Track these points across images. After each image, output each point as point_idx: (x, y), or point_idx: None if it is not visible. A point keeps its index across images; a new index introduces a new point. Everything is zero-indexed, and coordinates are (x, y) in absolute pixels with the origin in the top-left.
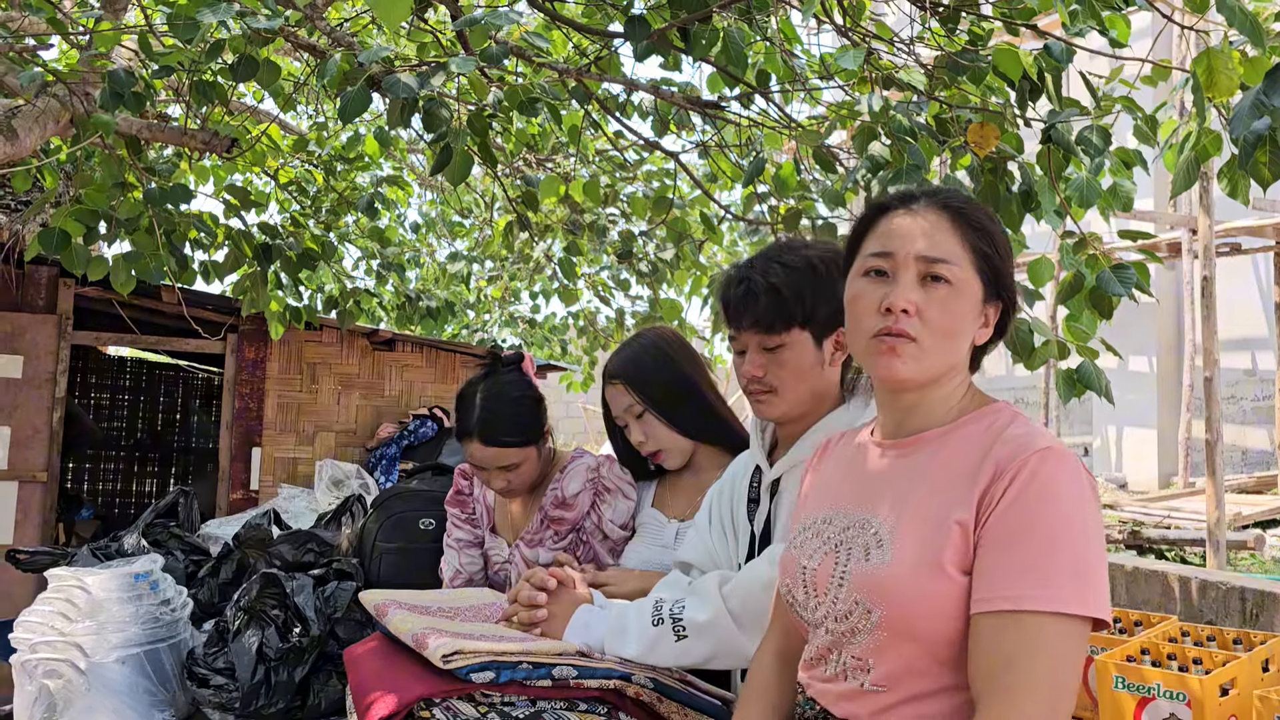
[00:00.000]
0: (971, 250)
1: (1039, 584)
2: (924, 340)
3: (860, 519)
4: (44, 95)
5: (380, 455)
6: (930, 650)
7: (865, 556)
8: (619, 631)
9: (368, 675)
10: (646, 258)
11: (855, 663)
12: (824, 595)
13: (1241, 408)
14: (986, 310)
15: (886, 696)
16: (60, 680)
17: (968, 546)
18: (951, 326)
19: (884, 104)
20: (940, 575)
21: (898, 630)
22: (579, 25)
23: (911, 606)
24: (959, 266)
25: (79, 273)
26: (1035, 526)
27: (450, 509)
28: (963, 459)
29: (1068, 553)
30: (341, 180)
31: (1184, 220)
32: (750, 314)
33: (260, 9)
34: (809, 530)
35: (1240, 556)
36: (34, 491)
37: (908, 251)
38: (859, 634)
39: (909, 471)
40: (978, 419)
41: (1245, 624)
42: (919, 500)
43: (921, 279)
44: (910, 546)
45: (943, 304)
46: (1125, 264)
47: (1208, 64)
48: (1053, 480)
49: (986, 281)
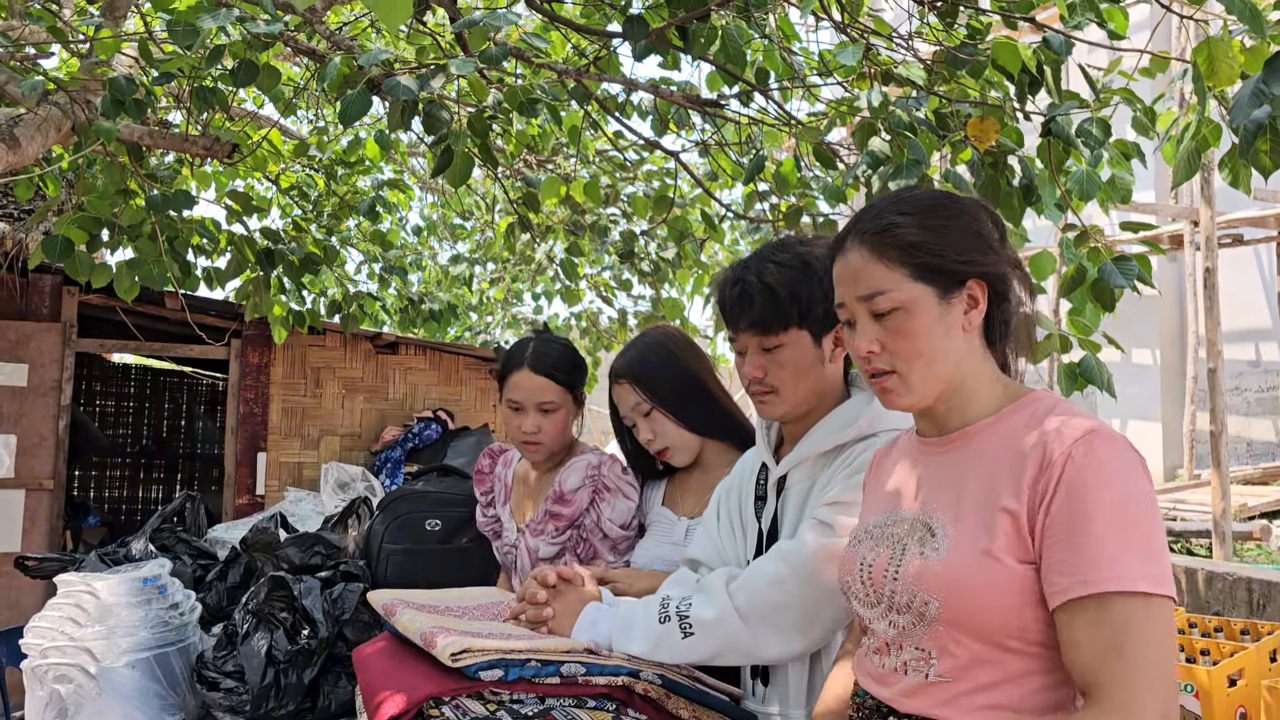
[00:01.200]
0: (901, 264)
1: (1112, 566)
2: (900, 369)
3: (914, 515)
4: (45, 103)
5: (385, 458)
6: (991, 639)
7: (920, 550)
8: (626, 628)
9: (377, 675)
10: (648, 257)
11: (918, 655)
12: (881, 589)
13: (1246, 399)
14: (959, 297)
15: (952, 688)
16: (71, 685)
17: (1020, 535)
18: (919, 347)
19: (883, 99)
20: (995, 564)
21: (957, 621)
22: (577, 26)
23: (969, 597)
24: (897, 290)
25: (82, 280)
26: (1099, 511)
27: (476, 490)
28: (1009, 449)
29: (1136, 532)
30: (343, 184)
31: (1186, 212)
32: (747, 315)
33: (259, 14)
34: (869, 531)
35: (1246, 548)
36: (41, 499)
37: (851, 297)
38: (918, 626)
39: (956, 465)
40: (1020, 408)
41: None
42: (969, 492)
43: (873, 316)
44: (963, 538)
45: (899, 332)
46: (1127, 256)
47: (1208, 53)
48: (1108, 463)
49: (936, 279)
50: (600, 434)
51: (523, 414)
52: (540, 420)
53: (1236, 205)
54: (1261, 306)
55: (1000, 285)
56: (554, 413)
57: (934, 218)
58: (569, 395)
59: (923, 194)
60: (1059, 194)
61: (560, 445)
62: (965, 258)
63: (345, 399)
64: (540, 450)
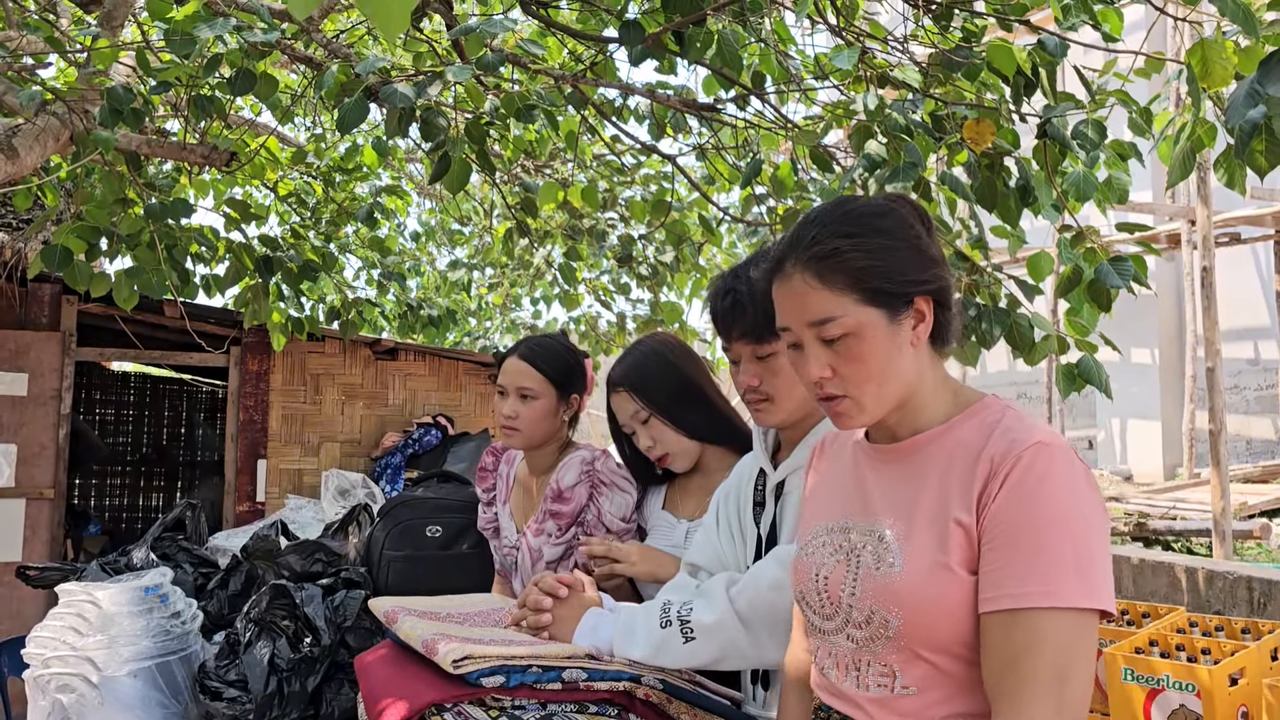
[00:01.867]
0: (850, 288)
1: (1040, 580)
2: (854, 393)
3: (869, 526)
4: (43, 113)
5: (385, 464)
6: (951, 651)
7: (876, 565)
8: (627, 634)
9: (379, 683)
10: (646, 261)
11: (880, 670)
12: (839, 603)
13: (1245, 397)
14: (904, 318)
15: (919, 699)
16: (73, 694)
17: (972, 546)
18: (871, 370)
19: (880, 102)
20: (951, 578)
21: (917, 636)
22: (574, 31)
23: (927, 611)
24: (847, 314)
25: (82, 289)
26: (1033, 522)
27: (478, 487)
28: (959, 459)
29: (1068, 546)
30: (340, 191)
31: (1183, 211)
32: (739, 325)
33: (256, 23)
34: (819, 537)
35: (1246, 546)
36: (41, 508)
37: (799, 322)
38: (878, 641)
39: (909, 476)
40: (970, 416)
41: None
42: (922, 504)
43: (821, 342)
44: (919, 552)
45: (851, 356)
46: (1123, 257)
47: (1202, 54)
48: (1047, 474)
49: (884, 302)
50: (600, 437)
51: (504, 399)
52: (518, 406)
53: (1233, 204)
54: (1260, 305)
55: (943, 296)
56: (533, 400)
57: (877, 237)
58: (551, 387)
59: (859, 208)
60: (1055, 195)
61: (537, 437)
62: (911, 277)
63: (345, 405)
64: (517, 437)
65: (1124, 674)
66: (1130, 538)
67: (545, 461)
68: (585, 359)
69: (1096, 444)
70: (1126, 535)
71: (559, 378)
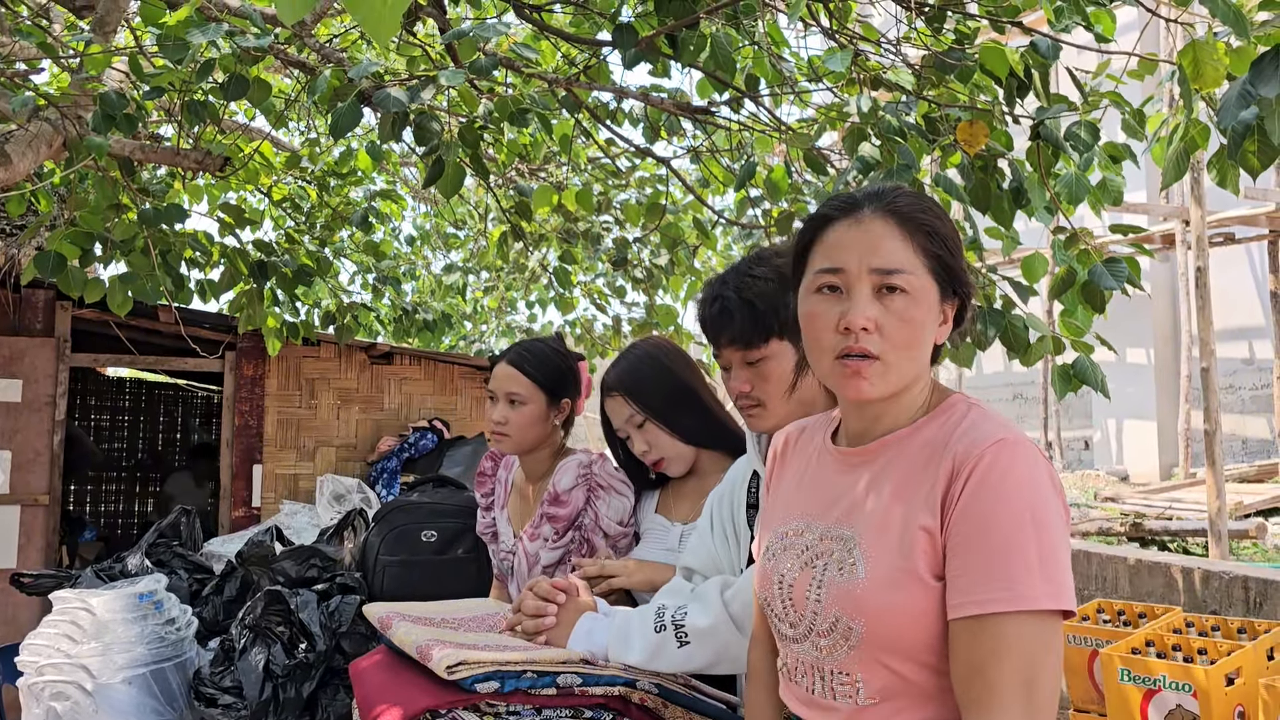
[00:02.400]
0: (923, 254)
1: (1003, 584)
2: (887, 356)
3: (832, 531)
4: (36, 119)
5: (381, 469)
6: (916, 659)
7: (840, 571)
8: (622, 639)
9: (374, 689)
10: (641, 264)
11: (844, 679)
12: (803, 610)
13: (1240, 397)
14: (944, 308)
15: (885, 707)
16: (68, 702)
17: (937, 552)
18: (913, 337)
19: (873, 105)
20: (915, 584)
21: (881, 643)
22: (567, 35)
23: (891, 618)
24: (914, 274)
25: (76, 295)
26: (995, 524)
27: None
28: (922, 462)
29: (1031, 547)
30: (335, 195)
31: (1177, 212)
32: (728, 331)
33: (249, 28)
34: (783, 541)
35: (1243, 546)
36: (36, 514)
37: (860, 265)
38: (842, 649)
39: (873, 480)
40: (935, 417)
41: (1249, 613)
42: (886, 510)
43: (876, 291)
44: (883, 558)
45: (901, 315)
46: (1117, 258)
47: (1193, 56)
48: (1009, 473)
49: (941, 282)
50: (596, 440)
51: (494, 404)
52: (507, 411)
53: (1227, 204)
54: (1254, 304)
55: (965, 309)
56: (521, 405)
57: (947, 223)
58: (540, 392)
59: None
60: (1048, 197)
61: (527, 441)
62: (959, 273)
63: (340, 410)
64: (507, 442)
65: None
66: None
67: (540, 466)
68: (579, 362)
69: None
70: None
71: (548, 383)
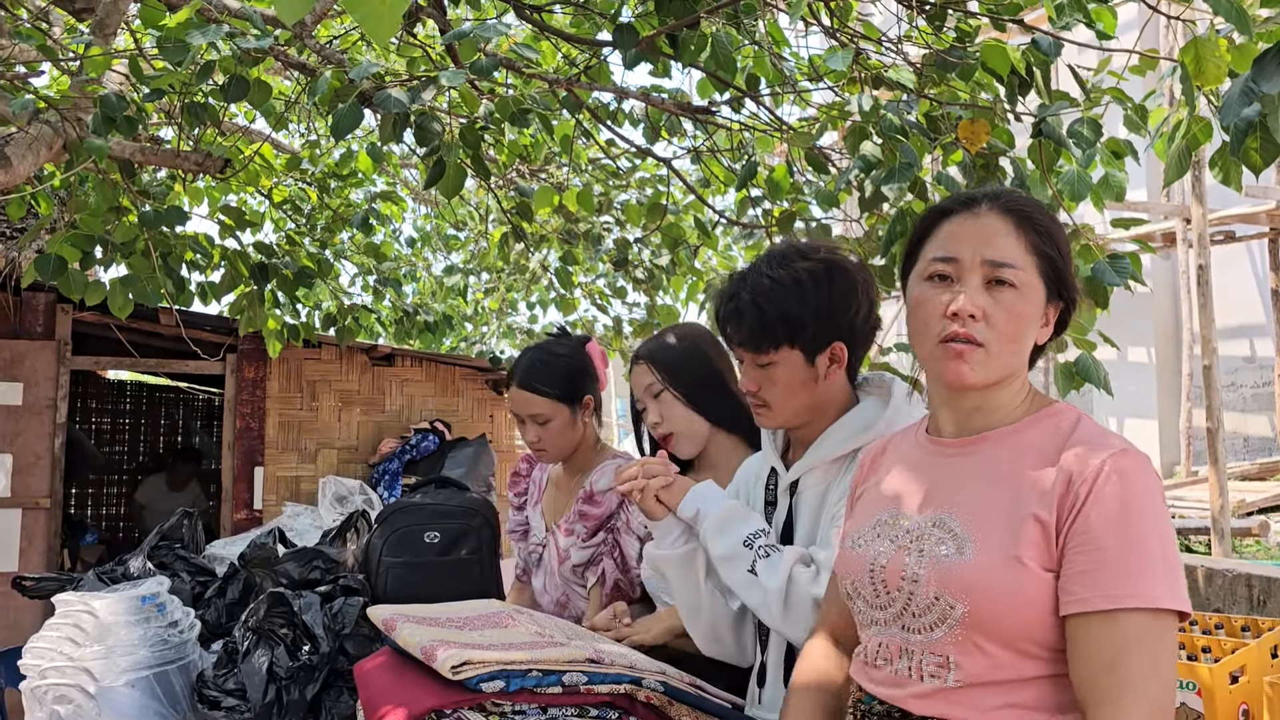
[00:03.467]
0: (1035, 253)
1: (1133, 582)
2: (991, 345)
3: (933, 517)
4: (36, 122)
5: (383, 470)
6: (1013, 645)
7: (944, 553)
8: (720, 525)
9: (378, 690)
10: (642, 264)
11: (935, 660)
12: (897, 592)
13: (1241, 395)
14: (1048, 310)
15: (971, 691)
16: (70, 705)
17: (1048, 543)
18: (1017, 331)
19: (874, 103)
20: (1023, 571)
21: (981, 626)
22: (567, 35)
23: (996, 602)
24: (1024, 270)
25: (76, 298)
26: (1123, 526)
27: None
28: (1034, 458)
29: (1156, 549)
30: (335, 197)
31: (1178, 210)
32: (738, 333)
33: (249, 29)
34: (873, 530)
35: (1245, 543)
36: (38, 518)
37: (974, 256)
38: (938, 629)
39: (979, 470)
40: (1044, 419)
41: (1252, 611)
42: (994, 497)
43: (987, 283)
44: (991, 542)
45: (1009, 308)
46: (1119, 254)
47: (1195, 53)
48: (1132, 480)
49: (1049, 283)
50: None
51: (523, 425)
52: (538, 430)
53: (1228, 202)
54: (1255, 302)
55: (1068, 316)
56: (548, 423)
57: (1061, 230)
58: (560, 404)
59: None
60: (1051, 194)
61: (566, 449)
62: (1067, 278)
63: (342, 412)
64: (547, 455)
65: None
66: None
67: (580, 460)
68: (586, 346)
69: None
70: None
71: (565, 393)
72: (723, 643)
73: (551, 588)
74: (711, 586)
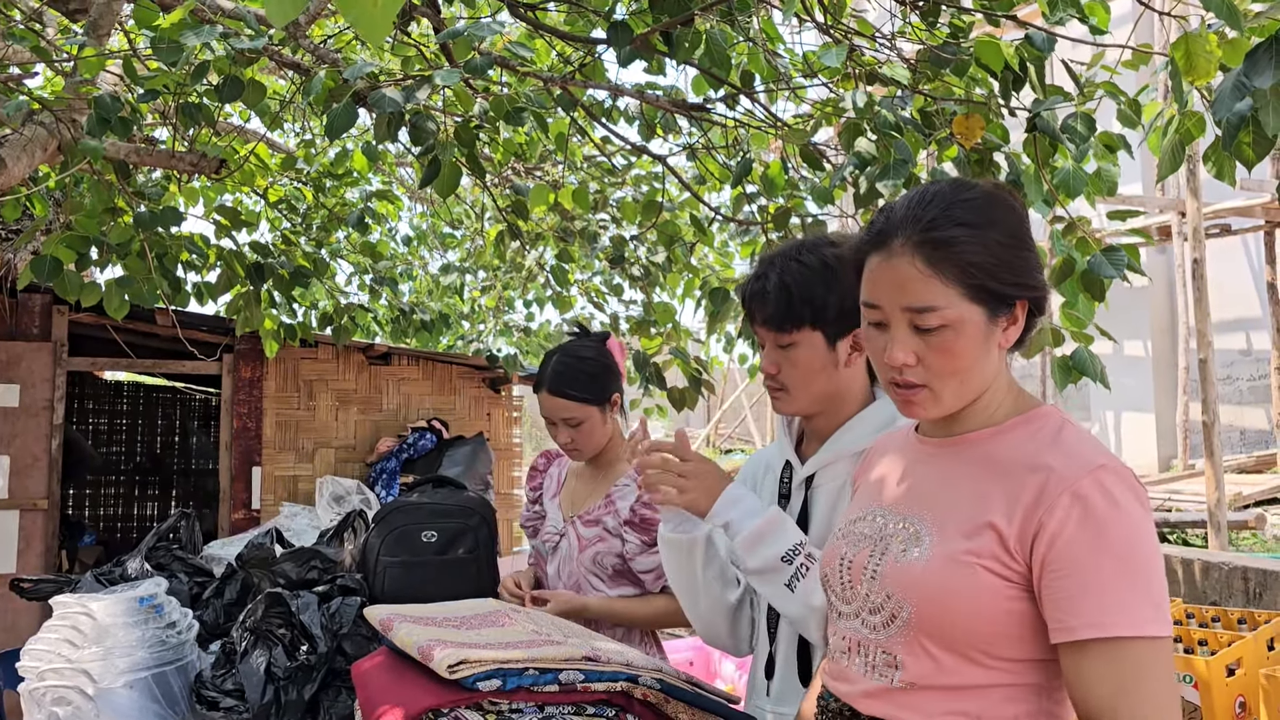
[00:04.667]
0: (957, 282)
1: (1119, 609)
2: (933, 384)
3: (901, 515)
4: (30, 123)
5: (380, 470)
6: (958, 649)
7: (901, 552)
8: (757, 538)
9: (376, 690)
10: (638, 262)
11: (885, 658)
12: (858, 586)
13: (1238, 388)
14: (1002, 320)
15: (915, 694)
16: (69, 707)
17: (1005, 553)
18: (959, 365)
19: (868, 100)
20: (973, 576)
21: (927, 628)
22: (561, 33)
23: (942, 604)
24: (949, 307)
25: (72, 299)
26: (1111, 550)
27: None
28: (1009, 463)
29: (1143, 575)
30: (331, 196)
31: (1172, 204)
32: (761, 311)
33: (243, 29)
34: (854, 525)
35: (1242, 536)
36: (35, 519)
37: (892, 304)
38: (888, 629)
39: (952, 471)
40: (1025, 422)
41: (1249, 604)
42: (960, 499)
43: (915, 329)
44: (946, 545)
45: (943, 348)
46: (1115, 246)
47: (1186, 48)
48: (1121, 500)
49: (988, 299)
50: None
51: (555, 428)
52: (570, 433)
53: (1223, 196)
54: (1251, 295)
55: (1041, 305)
56: (580, 425)
57: (993, 231)
58: (590, 407)
59: (980, 197)
60: (1046, 189)
61: (597, 446)
62: (1020, 280)
63: (339, 411)
64: (580, 455)
65: None
66: None
67: (608, 454)
68: (606, 342)
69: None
70: None
71: (594, 396)
72: (716, 631)
73: (566, 575)
74: (710, 576)
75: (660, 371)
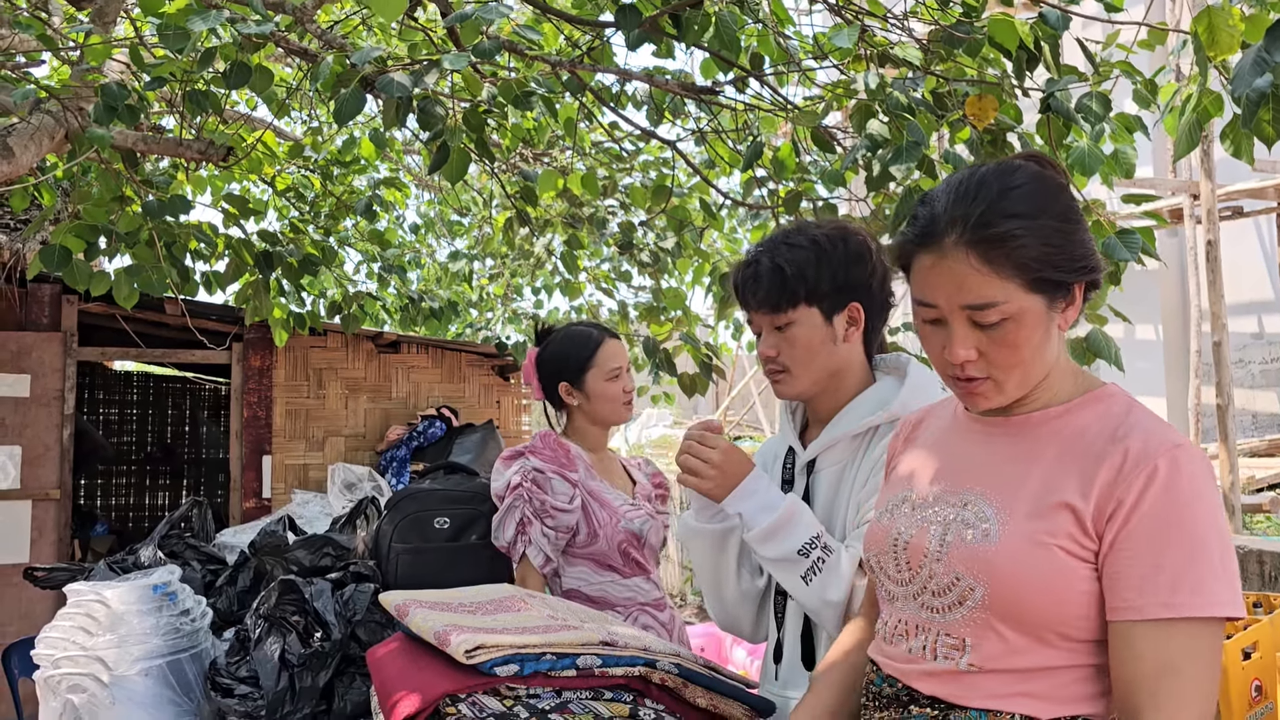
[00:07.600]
0: (1016, 274)
1: (1192, 590)
2: (996, 375)
3: (965, 496)
4: (38, 112)
5: (390, 457)
6: (1032, 631)
7: (970, 533)
8: (772, 532)
9: (391, 675)
10: (647, 248)
11: (950, 641)
12: (919, 569)
13: (1250, 371)
14: (1060, 303)
15: (983, 676)
16: (84, 695)
17: (1082, 533)
18: (1021, 357)
19: (880, 81)
20: (1050, 558)
21: (1000, 610)
22: (570, 16)
23: (1019, 587)
24: (1009, 300)
25: (81, 289)
26: (1182, 529)
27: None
28: (1078, 443)
29: (1215, 554)
30: (339, 184)
31: (1185, 185)
32: (756, 295)
33: (250, 15)
34: (905, 504)
35: (1256, 519)
36: (48, 509)
37: (950, 303)
38: (955, 611)
39: (1018, 451)
40: (1091, 402)
41: (1264, 587)
42: (1030, 481)
43: (972, 323)
44: (1019, 526)
45: (1003, 341)
46: (1130, 229)
47: (1208, 22)
48: (1192, 480)
49: (1048, 286)
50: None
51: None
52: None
53: (1236, 177)
54: (1263, 278)
55: (1097, 281)
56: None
57: (1047, 219)
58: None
59: (1031, 184)
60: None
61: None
62: (1078, 264)
63: (349, 399)
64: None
65: None
66: None
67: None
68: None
69: None
70: None
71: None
72: (738, 619)
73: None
74: (742, 568)
75: (670, 357)
